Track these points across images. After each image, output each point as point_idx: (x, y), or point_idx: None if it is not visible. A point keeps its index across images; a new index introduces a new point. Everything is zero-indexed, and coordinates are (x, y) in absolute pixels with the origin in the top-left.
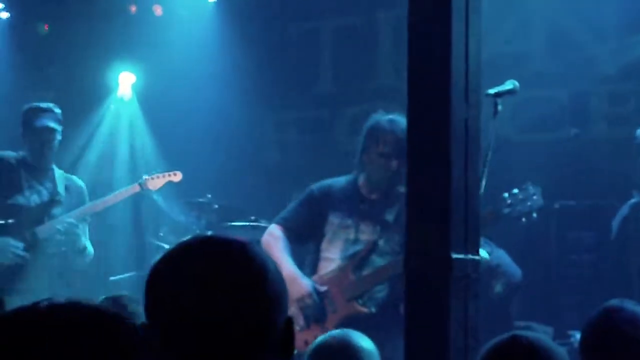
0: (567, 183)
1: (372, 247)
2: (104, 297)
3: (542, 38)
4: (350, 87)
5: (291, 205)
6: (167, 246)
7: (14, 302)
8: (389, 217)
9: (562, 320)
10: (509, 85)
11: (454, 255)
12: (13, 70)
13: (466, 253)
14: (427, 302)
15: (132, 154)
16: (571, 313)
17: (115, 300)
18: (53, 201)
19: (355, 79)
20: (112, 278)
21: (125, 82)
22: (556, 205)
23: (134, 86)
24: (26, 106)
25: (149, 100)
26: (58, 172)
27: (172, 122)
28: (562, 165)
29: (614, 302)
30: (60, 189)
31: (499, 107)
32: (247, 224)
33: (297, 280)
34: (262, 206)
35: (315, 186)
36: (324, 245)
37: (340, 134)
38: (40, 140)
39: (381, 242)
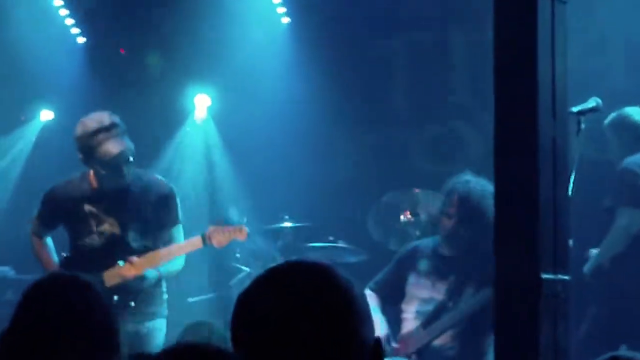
0: None
1: (442, 307)
2: (188, 324)
3: (620, 54)
4: (424, 106)
5: (384, 269)
6: (244, 268)
7: None
8: (462, 274)
9: None
10: (591, 102)
11: (544, 276)
12: (90, 94)
13: (555, 273)
14: (516, 323)
15: (209, 176)
16: None
17: (201, 327)
18: (123, 241)
19: (429, 98)
20: (190, 299)
21: (201, 104)
22: None
23: (209, 109)
24: (82, 129)
25: (225, 122)
26: (137, 185)
27: (247, 143)
28: None
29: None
30: (134, 214)
31: (582, 125)
32: (325, 244)
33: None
34: (340, 226)
35: (402, 249)
36: (404, 305)
37: (415, 153)
38: (116, 168)
39: (450, 303)
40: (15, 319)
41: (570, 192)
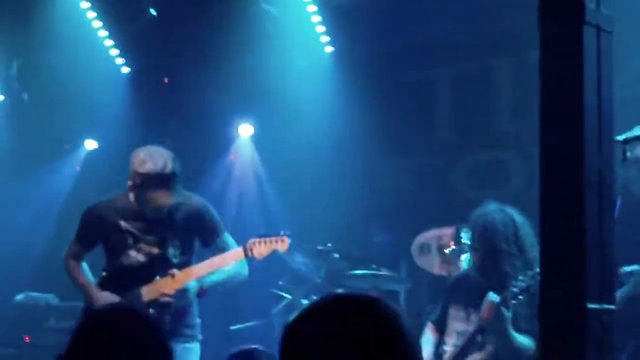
0: None
1: (471, 341)
2: (234, 350)
3: None
4: (467, 134)
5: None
6: (287, 295)
7: None
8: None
9: None
10: (637, 131)
11: (590, 306)
12: (133, 123)
13: (601, 303)
14: (562, 354)
15: (255, 204)
16: None
17: (247, 355)
18: (162, 258)
19: (472, 126)
20: (232, 327)
21: (244, 133)
22: None
23: (253, 137)
24: (139, 164)
25: (268, 150)
26: (174, 201)
27: (291, 171)
28: None
29: None
30: (173, 235)
31: (628, 154)
32: (368, 272)
33: None
34: (384, 254)
35: (450, 279)
36: (445, 337)
37: (457, 181)
38: (152, 208)
39: (479, 337)
40: (72, 348)
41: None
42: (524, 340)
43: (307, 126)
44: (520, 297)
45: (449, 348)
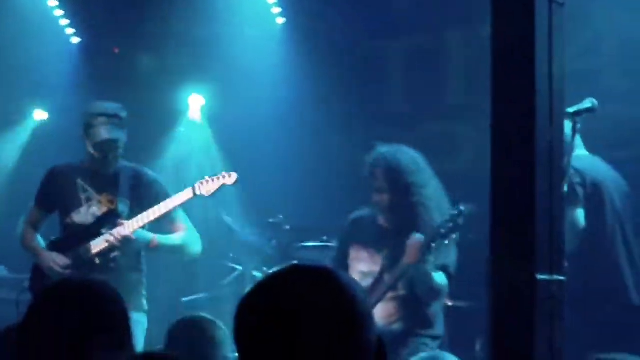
0: None
1: (380, 278)
2: (180, 318)
3: (614, 54)
4: (419, 106)
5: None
6: (238, 267)
7: None
8: (400, 246)
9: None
10: (587, 103)
11: (539, 277)
12: (83, 94)
13: (551, 273)
14: (512, 324)
15: (203, 176)
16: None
17: (194, 323)
18: (112, 214)
19: (424, 98)
20: (184, 299)
21: (195, 104)
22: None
23: (203, 108)
24: (90, 109)
25: (219, 122)
26: (126, 172)
27: (242, 143)
28: (636, 184)
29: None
30: (124, 195)
31: (578, 126)
32: (319, 244)
33: None
34: (334, 226)
35: (346, 220)
36: None
37: None
38: (102, 152)
39: (387, 276)
40: (28, 320)
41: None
42: (440, 280)
43: (258, 98)
44: (446, 240)
45: None
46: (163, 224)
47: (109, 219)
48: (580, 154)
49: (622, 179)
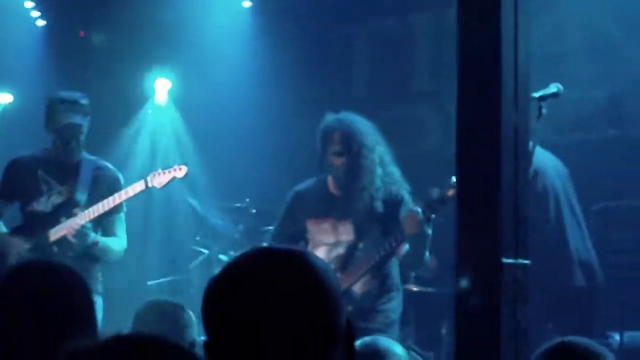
0: (606, 184)
1: (353, 247)
2: (147, 302)
3: (578, 39)
4: (384, 90)
5: (277, 218)
6: (204, 250)
7: None
8: (362, 212)
9: (601, 321)
10: (552, 88)
11: (504, 260)
12: (49, 77)
13: (516, 258)
14: (477, 307)
15: (172, 160)
16: (610, 314)
17: (160, 307)
18: (71, 203)
19: (390, 82)
20: (149, 282)
21: (161, 88)
22: (595, 207)
23: (170, 92)
24: (51, 96)
25: (186, 106)
26: (88, 164)
27: (209, 127)
28: (601, 167)
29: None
30: (83, 186)
31: (543, 111)
32: None
33: None
34: None
35: (289, 194)
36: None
37: None
38: (64, 137)
39: (361, 244)
40: None
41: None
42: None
43: (224, 82)
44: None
45: None
46: (106, 219)
47: (67, 208)
48: None
49: (562, 164)
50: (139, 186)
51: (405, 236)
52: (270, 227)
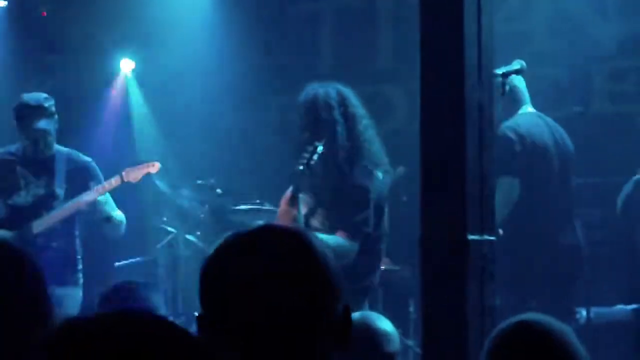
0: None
1: (305, 224)
2: (113, 283)
3: (542, 16)
4: (350, 69)
5: None
6: (171, 230)
7: None
8: (319, 189)
9: (569, 297)
10: (516, 65)
11: (470, 237)
12: (12, 58)
13: (482, 234)
14: (443, 284)
15: (134, 140)
16: (577, 289)
17: (127, 288)
18: (50, 196)
19: (355, 61)
20: (117, 264)
21: (125, 68)
22: None
23: (133, 72)
24: (17, 102)
25: (150, 86)
26: (61, 157)
27: (173, 107)
28: None
29: (529, 315)
30: (60, 178)
31: (507, 87)
32: (251, 207)
33: None
34: (267, 189)
35: None
36: None
37: None
38: (32, 140)
39: (314, 221)
40: None
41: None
42: (334, 241)
43: (190, 61)
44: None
45: None
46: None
47: (47, 201)
48: (525, 112)
49: (566, 136)
50: (114, 181)
51: None
52: (236, 207)
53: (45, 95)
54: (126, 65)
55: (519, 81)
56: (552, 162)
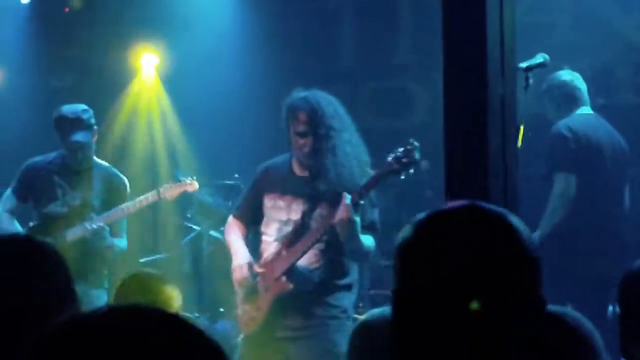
0: None
1: (301, 225)
2: (127, 275)
3: (565, 9)
4: (370, 63)
5: (242, 195)
6: (195, 227)
7: None
8: (319, 193)
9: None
10: (539, 58)
11: None
12: (35, 53)
13: None
14: None
15: (157, 137)
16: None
17: (141, 279)
18: (86, 206)
19: (375, 54)
20: (142, 260)
21: (148, 64)
22: None
23: (157, 68)
24: (55, 113)
25: (173, 81)
26: (99, 171)
27: (197, 103)
28: None
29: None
30: (96, 192)
31: (530, 81)
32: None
33: (236, 263)
34: None
35: (258, 168)
36: (262, 227)
37: (361, 110)
38: (71, 151)
39: (311, 222)
40: None
41: (519, 146)
42: (368, 242)
43: (212, 58)
44: (402, 175)
45: (269, 238)
46: (115, 222)
47: (83, 211)
48: (582, 112)
49: (621, 138)
50: (151, 197)
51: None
52: None
53: (83, 107)
54: (149, 61)
55: (579, 82)
56: (605, 162)
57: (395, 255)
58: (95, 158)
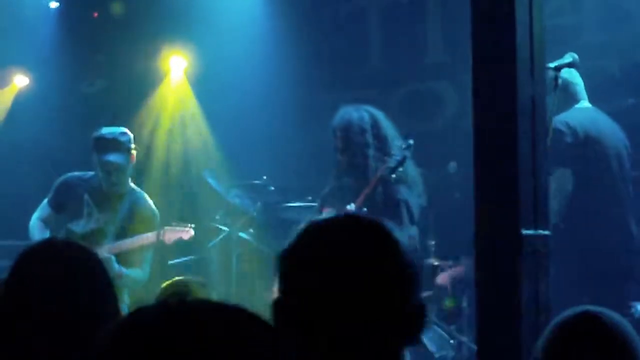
0: None
1: None
2: (169, 281)
3: (593, 9)
4: (399, 65)
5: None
6: (224, 228)
7: None
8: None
9: (623, 292)
10: (568, 58)
11: (524, 232)
12: (63, 58)
13: (536, 229)
14: (497, 280)
15: (189, 139)
16: (632, 284)
17: (183, 286)
18: (100, 232)
19: (405, 57)
20: (170, 262)
21: (176, 66)
22: None
23: (186, 70)
24: (95, 133)
25: (202, 84)
26: (131, 197)
27: (225, 105)
28: None
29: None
30: (120, 219)
31: (560, 81)
32: (304, 204)
33: None
34: (319, 186)
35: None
36: None
37: (391, 113)
38: (105, 172)
39: None
40: (11, 281)
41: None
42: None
43: (241, 60)
44: (399, 169)
45: None
46: (133, 252)
47: (96, 237)
48: (582, 107)
49: (621, 131)
50: (152, 238)
51: None
52: (288, 204)
53: (123, 130)
54: (177, 65)
55: (575, 77)
56: (607, 156)
57: (275, 264)
58: (132, 185)
